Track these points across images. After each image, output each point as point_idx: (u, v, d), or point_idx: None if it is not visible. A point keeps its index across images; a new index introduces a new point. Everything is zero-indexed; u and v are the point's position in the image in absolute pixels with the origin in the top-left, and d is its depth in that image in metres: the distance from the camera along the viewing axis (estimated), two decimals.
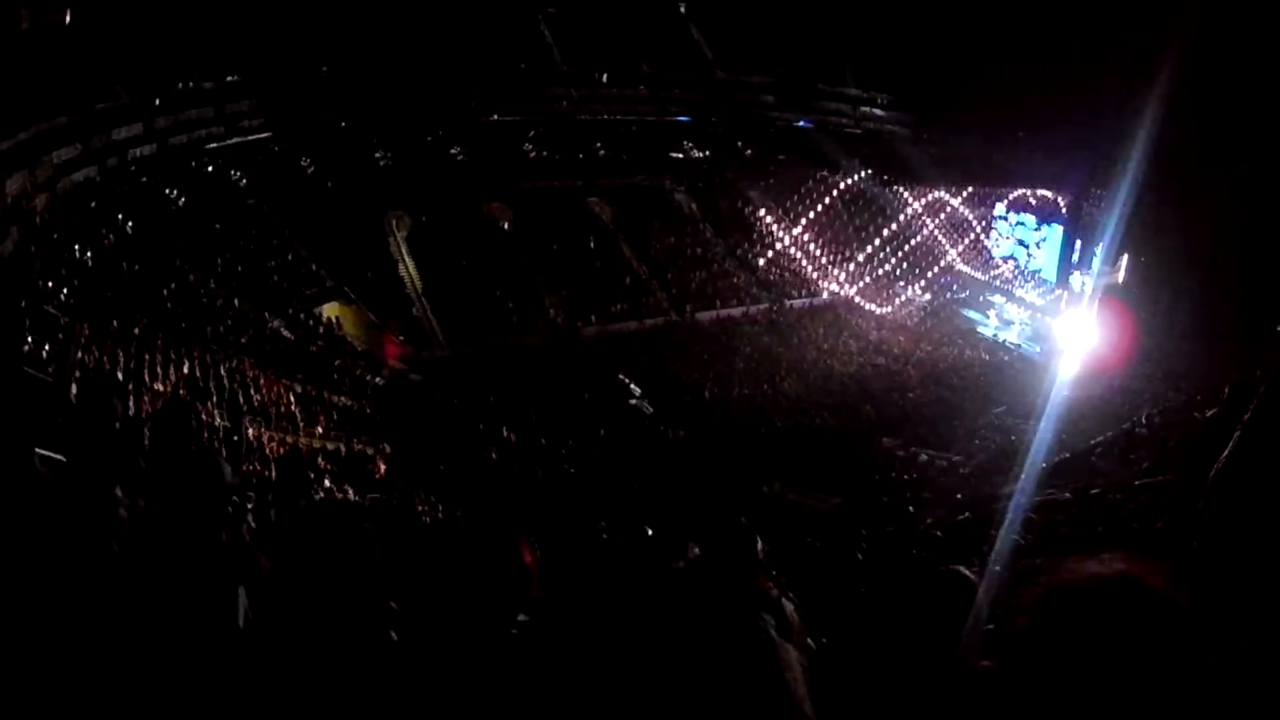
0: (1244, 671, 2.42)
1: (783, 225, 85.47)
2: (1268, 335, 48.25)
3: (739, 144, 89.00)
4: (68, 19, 53.72)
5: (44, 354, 34.06)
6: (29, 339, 33.99)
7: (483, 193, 77.23)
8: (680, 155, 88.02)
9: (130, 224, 55.13)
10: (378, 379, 57.49)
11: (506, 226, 77.30)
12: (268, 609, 6.52)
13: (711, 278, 78.49)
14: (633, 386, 58.63)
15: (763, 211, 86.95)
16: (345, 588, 6.60)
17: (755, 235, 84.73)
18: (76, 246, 48.40)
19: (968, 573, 5.05)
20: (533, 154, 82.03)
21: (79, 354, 37.45)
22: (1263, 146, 51.65)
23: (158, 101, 59.56)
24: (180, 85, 61.10)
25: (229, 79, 64.08)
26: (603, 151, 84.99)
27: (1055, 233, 76.68)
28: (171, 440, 9.33)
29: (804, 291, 79.26)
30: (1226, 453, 4.63)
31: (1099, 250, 67.22)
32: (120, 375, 37.55)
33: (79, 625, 5.63)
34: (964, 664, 4.28)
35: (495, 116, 78.67)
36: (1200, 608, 2.49)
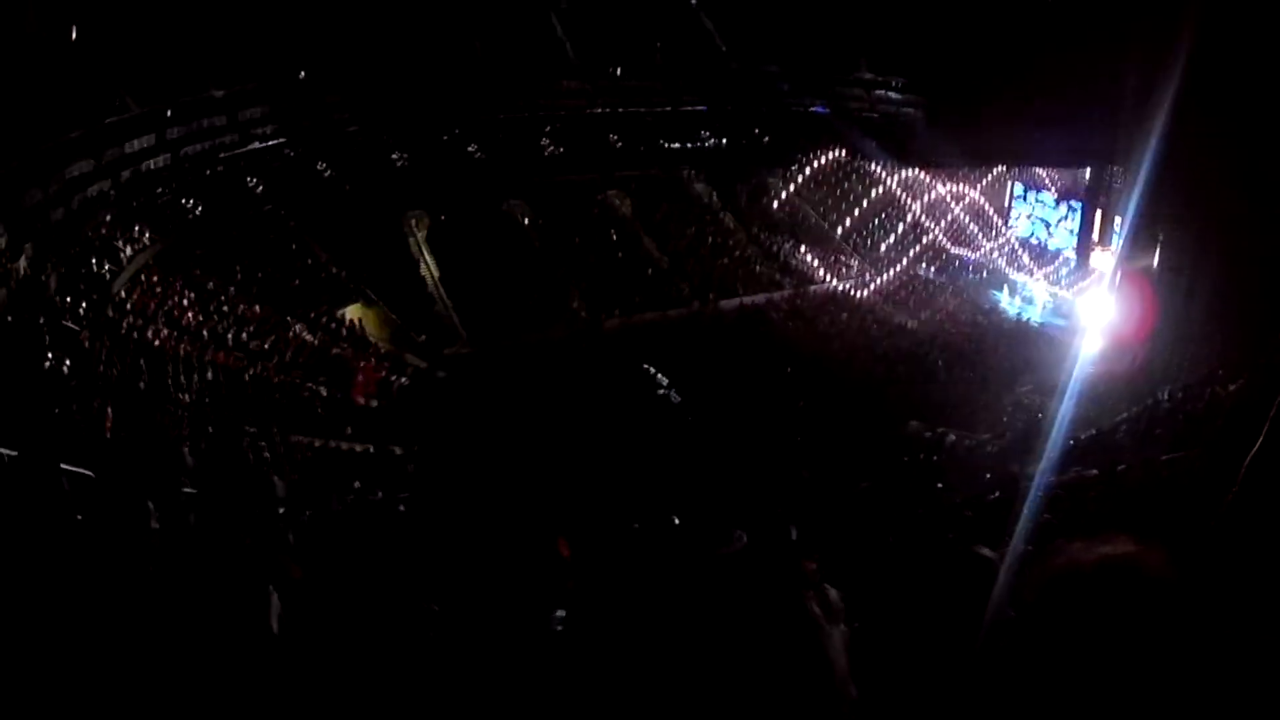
0: (1244, 658, 2.43)
1: (803, 212, 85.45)
2: None
3: (756, 132, 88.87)
4: (74, 34, 53.89)
5: (65, 369, 34.15)
6: (49, 355, 34.09)
7: (501, 190, 77.31)
8: (697, 145, 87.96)
9: (146, 236, 55.37)
10: (403, 379, 57.62)
11: (526, 222, 77.41)
12: (301, 614, 6.56)
13: (733, 266, 78.45)
14: (659, 377, 58.67)
15: (782, 198, 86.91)
16: (380, 591, 6.64)
17: (775, 222, 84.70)
18: (93, 260, 48.60)
19: (989, 554, 5.07)
20: (549, 149, 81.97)
21: (100, 368, 37.58)
22: None
23: (169, 112, 59.76)
24: (191, 95, 61.27)
25: (240, 86, 64.23)
26: (619, 144, 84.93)
27: (1075, 210, 76.45)
28: (222, 460, 9.46)
29: (827, 277, 79.16)
30: (1261, 440, 4.59)
31: (1119, 227, 67.03)
32: (143, 386, 37.71)
33: (114, 628, 5.69)
34: (987, 645, 4.29)
35: (510, 114, 78.76)
36: (1205, 592, 2.50)
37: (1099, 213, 70.70)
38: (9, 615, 5.99)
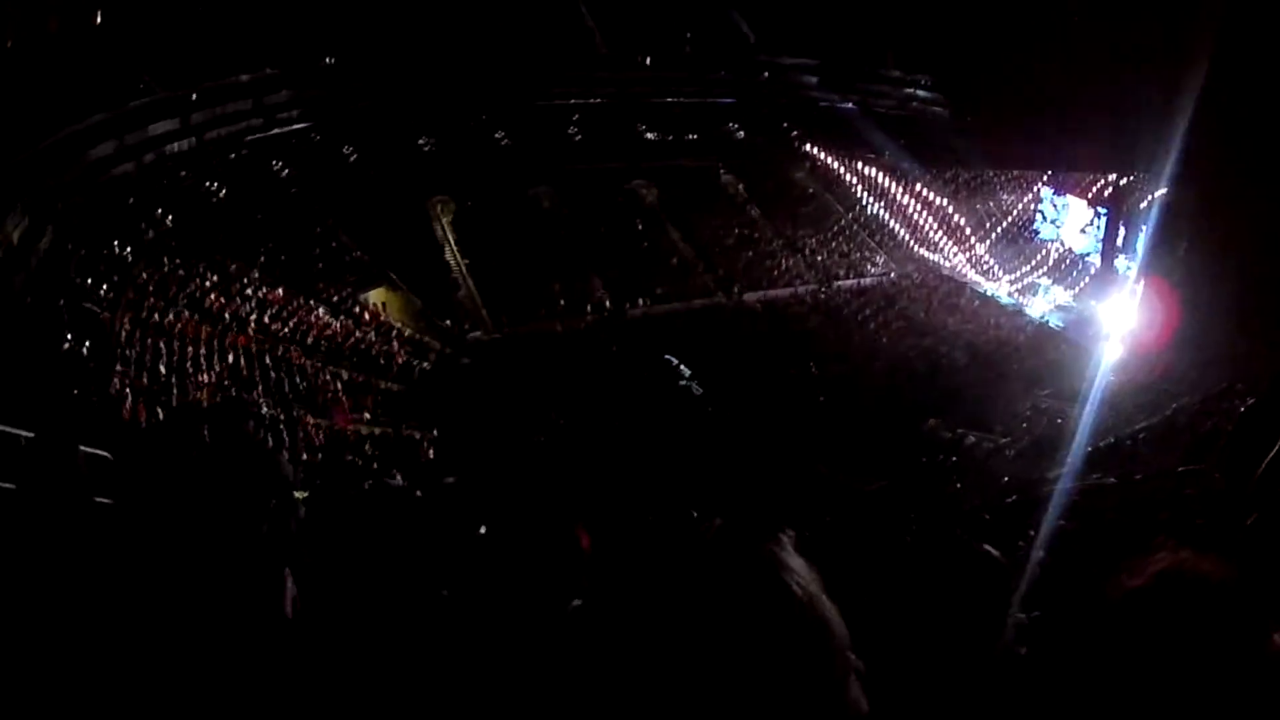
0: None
1: (828, 207, 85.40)
2: None
3: (783, 125, 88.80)
4: (99, 19, 53.95)
5: (84, 350, 34.22)
6: (69, 336, 34.15)
7: (527, 176, 77.36)
8: (725, 137, 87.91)
9: (169, 218, 55.44)
10: (424, 364, 57.68)
11: (551, 210, 77.45)
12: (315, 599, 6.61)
13: (758, 258, 78.45)
14: (681, 368, 58.64)
15: (808, 192, 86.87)
16: (391, 575, 6.69)
17: (801, 216, 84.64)
18: (115, 242, 48.66)
19: (996, 553, 5.08)
20: (577, 137, 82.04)
21: (120, 349, 37.71)
22: None
23: (194, 96, 59.78)
24: (216, 79, 61.30)
25: (266, 71, 64.26)
26: (647, 134, 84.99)
27: (1100, 216, 76.28)
28: (229, 438, 9.41)
29: (851, 272, 79.08)
30: (1273, 454, 4.63)
31: (1143, 234, 66.92)
32: (164, 368, 37.82)
33: (131, 613, 5.73)
34: (1004, 648, 4.33)
35: (539, 101, 78.84)
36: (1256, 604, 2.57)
37: (1124, 219, 70.54)
38: (21, 603, 6.05)
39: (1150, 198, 63.54)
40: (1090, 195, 77.44)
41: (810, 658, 2.32)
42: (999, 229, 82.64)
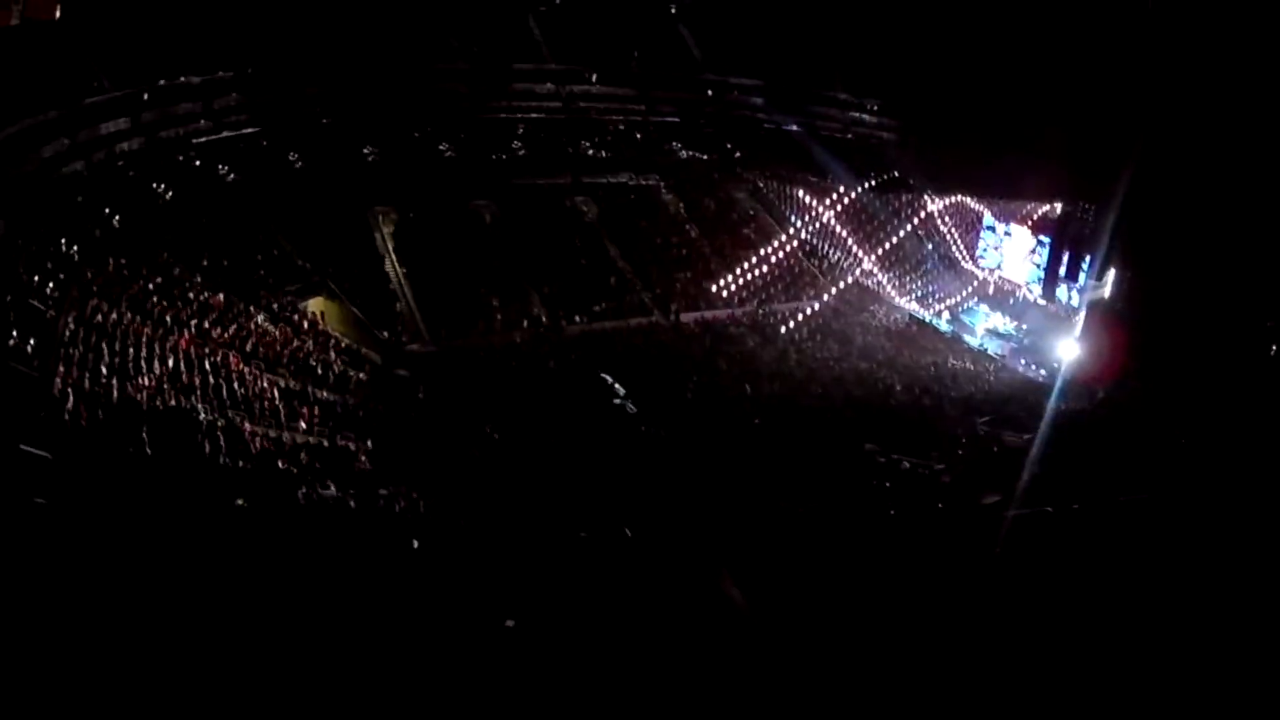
0: None
1: (769, 228, 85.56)
2: (1255, 352, 48.44)
3: (727, 145, 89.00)
4: (58, 13, 53.86)
5: (29, 348, 34.03)
6: (14, 333, 33.97)
7: (469, 189, 77.34)
8: (668, 155, 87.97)
9: (116, 218, 55.21)
10: (361, 374, 57.54)
11: (492, 223, 77.39)
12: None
13: (696, 278, 78.46)
14: (616, 386, 58.60)
15: (749, 214, 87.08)
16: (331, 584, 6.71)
17: (741, 237, 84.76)
18: (63, 240, 48.40)
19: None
20: (520, 151, 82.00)
21: (64, 349, 37.46)
22: (1252, 161, 51.75)
23: (145, 96, 59.69)
24: (168, 80, 61.23)
25: (217, 74, 64.22)
26: (590, 150, 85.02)
27: (1043, 244, 76.77)
28: (170, 445, 9.47)
29: (788, 295, 79.24)
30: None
31: (1086, 263, 67.47)
32: (105, 370, 37.61)
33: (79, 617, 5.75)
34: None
35: (484, 114, 78.86)
36: None
37: (1066, 248, 71.09)
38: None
39: (1097, 228, 64.10)
40: (1033, 223, 78.10)
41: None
42: (941, 254, 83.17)
